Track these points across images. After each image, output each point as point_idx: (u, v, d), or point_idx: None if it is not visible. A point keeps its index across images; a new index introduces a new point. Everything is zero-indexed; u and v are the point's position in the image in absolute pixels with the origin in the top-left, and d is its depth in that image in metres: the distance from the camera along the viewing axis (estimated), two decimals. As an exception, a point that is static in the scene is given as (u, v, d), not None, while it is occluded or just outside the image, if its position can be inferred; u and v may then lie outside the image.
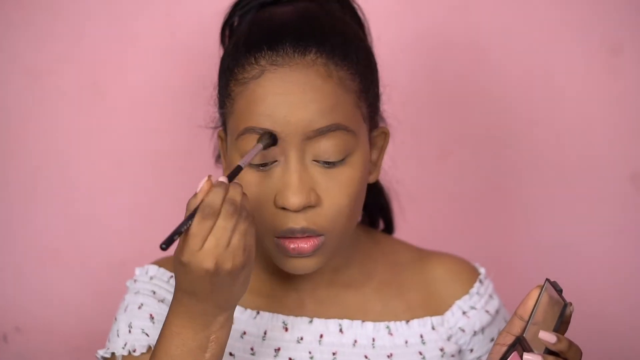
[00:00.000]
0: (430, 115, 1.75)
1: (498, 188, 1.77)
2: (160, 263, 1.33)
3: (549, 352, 1.10)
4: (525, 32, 1.74)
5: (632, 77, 1.75)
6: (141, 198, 1.73)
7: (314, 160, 1.21)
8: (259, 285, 1.32)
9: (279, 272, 1.31)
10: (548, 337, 1.09)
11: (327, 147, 1.20)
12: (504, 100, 1.75)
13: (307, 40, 1.22)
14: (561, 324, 1.11)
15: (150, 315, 1.27)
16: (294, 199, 1.19)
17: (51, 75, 1.70)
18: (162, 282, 1.31)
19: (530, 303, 1.15)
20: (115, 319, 1.30)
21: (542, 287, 1.14)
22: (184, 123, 1.71)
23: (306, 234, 1.21)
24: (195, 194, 1.10)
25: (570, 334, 1.77)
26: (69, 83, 1.70)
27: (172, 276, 1.30)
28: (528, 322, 1.13)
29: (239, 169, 1.14)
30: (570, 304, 1.11)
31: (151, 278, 1.31)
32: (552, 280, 1.14)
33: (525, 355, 1.08)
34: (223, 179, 1.11)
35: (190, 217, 1.09)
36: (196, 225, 1.08)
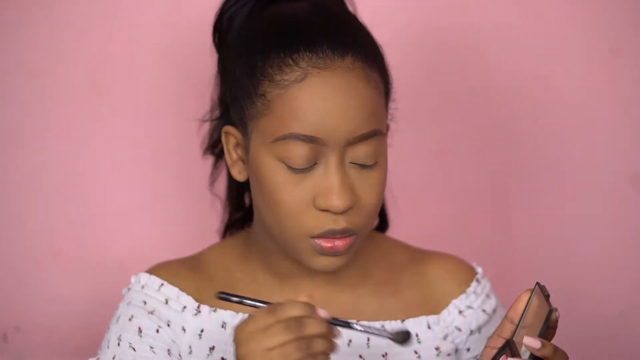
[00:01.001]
0: (430, 115, 1.75)
1: (497, 188, 1.77)
2: (152, 271, 1.34)
3: (534, 357, 1.10)
4: (525, 32, 1.74)
5: (632, 77, 1.75)
6: (141, 198, 1.73)
7: (351, 163, 1.22)
8: (255, 287, 1.33)
9: (278, 273, 1.32)
10: (532, 342, 1.09)
11: (365, 151, 1.22)
12: (503, 100, 1.75)
13: (343, 41, 1.22)
14: (547, 329, 1.11)
15: (139, 328, 1.29)
16: (339, 202, 1.20)
17: (51, 75, 1.70)
18: (153, 290, 1.31)
19: (521, 306, 1.15)
20: (109, 327, 1.32)
21: (532, 291, 1.15)
22: (184, 123, 1.70)
23: (346, 234, 1.22)
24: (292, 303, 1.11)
25: (570, 333, 1.77)
26: (69, 83, 1.70)
27: (162, 284, 1.32)
28: (518, 325, 1.13)
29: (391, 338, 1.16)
30: (556, 309, 1.12)
31: (142, 287, 1.32)
32: (542, 284, 1.15)
33: None
34: (325, 314, 1.12)
35: (261, 302, 1.13)
36: (262, 317, 1.10)
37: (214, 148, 1.40)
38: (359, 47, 1.23)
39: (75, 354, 1.70)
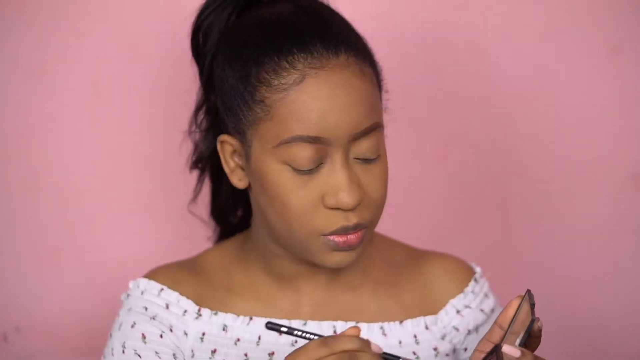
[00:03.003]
0: (430, 115, 1.75)
1: (497, 188, 1.77)
2: (150, 275, 1.34)
3: None
4: (525, 31, 1.74)
5: (632, 77, 1.74)
6: (141, 198, 1.73)
7: (355, 158, 1.23)
8: (255, 289, 1.32)
9: (278, 274, 1.32)
10: (512, 351, 1.09)
11: (368, 146, 1.22)
12: (503, 100, 1.75)
13: (333, 39, 1.23)
14: (529, 338, 1.11)
15: (142, 334, 1.29)
16: (349, 199, 1.20)
17: (51, 75, 1.70)
18: (153, 296, 1.31)
19: (510, 312, 1.14)
20: (110, 335, 1.31)
21: (523, 297, 1.14)
22: (183, 123, 1.70)
23: (358, 229, 1.23)
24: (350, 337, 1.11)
25: (570, 333, 1.77)
26: (69, 83, 1.70)
27: (162, 289, 1.31)
28: (507, 331, 1.14)
29: None
30: (538, 319, 1.12)
31: (142, 292, 1.32)
32: (532, 293, 1.15)
33: None
34: (377, 349, 1.12)
35: (312, 334, 1.13)
36: (315, 346, 1.10)
37: (200, 162, 1.39)
38: (349, 42, 1.23)
39: (75, 354, 1.71)
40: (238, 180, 1.29)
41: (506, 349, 1.09)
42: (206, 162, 1.38)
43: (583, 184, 1.76)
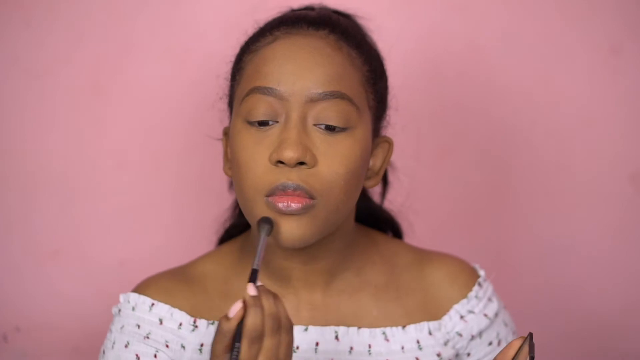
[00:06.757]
0: (430, 115, 1.75)
1: (498, 188, 1.77)
2: (140, 290, 1.32)
3: None
4: (526, 32, 1.74)
5: (632, 77, 1.74)
6: (141, 198, 1.73)
7: (315, 125, 1.22)
8: (253, 292, 1.32)
9: (276, 276, 1.31)
10: None
11: (329, 111, 1.21)
12: (504, 101, 1.75)
13: (324, 22, 1.25)
14: None
15: (137, 355, 1.28)
16: (289, 152, 1.19)
17: (51, 75, 1.70)
18: (145, 312, 1.30)
19: (511, 353, 1.14)
20: (103, 352, 1.31)
21: (524, 339, 1.14)
22: (183, 124, 1.71)
23: (298, 191, 1.20)
24: (228, 318, 1.08)
25: (570, 333, 1.77)
26: (69, 83, 1.70)
27: (153, 304, 1.30)
28: None
29: (255, 272, 1.12)
30: None
31: (133, 308, 1.30)
32: (533, 340, 1.14)
33: None
34: (252, 289, 1.09)
35: (234, 341, 1.09)
36: (246, 352, 1.08)
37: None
38: (340, 27, 1.25)
39: (75, 353, 1.71)
40: (228, 169, 1.30)
41: None
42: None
43: (583, 184, 1.76)
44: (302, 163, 1.20)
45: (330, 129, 1.21)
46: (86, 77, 1.70)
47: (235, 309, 1.08)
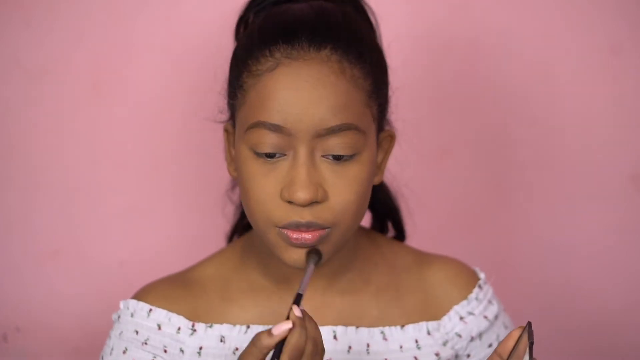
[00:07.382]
0: (430, 115, 1.75)
1: (498, 188, 1.77)
2: (139, 296, 1.33)
3: None
4: (526, 31, 1.74)
5: (632, 77, 1.74)
6: (141, 198, 1.73)
7: (323, 156, 1.21)
8: (253, 294, 1.32)
9: (277, 277, 1.31)
10: None
11: (336, 143, 1.20)
12: (504, 100, 1.75)
13: (323, 36, 1.22)
14: None
15: None
16: (301, 194, 1.18)
17: (51, 75, 1.70)
18: (143, 318, 1.30)
19: (510, 343, 1.14)
20: (102, 358, 1.31)
21: (523, 329, 1.14)
22: (183, 123, 1.71)
23: (311, 227, 1.20)
24: (271, 334, 1.10)
25: (570, 333, 1.77)
26: (69, 83, 1.70)
27: (151, 309, 1.30)
28: None
29: (299, 297, 1.14)
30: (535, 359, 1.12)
31: (132, 315, 1.31)
32: (532, 328, 1.15)
33: None
34: (297, 311, 1.11)
35: (273, 358, 1.11)
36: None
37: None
38: (340, 42, 1.22)
39: (75, 353, 1.71)
40: (233, 170, 1.29)
41: None
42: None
43: (583, 184, 1.76)
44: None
45: (337, 158, 1.21)
46: (86, 77, 1.70)
47: (284, 327, 1.10)
